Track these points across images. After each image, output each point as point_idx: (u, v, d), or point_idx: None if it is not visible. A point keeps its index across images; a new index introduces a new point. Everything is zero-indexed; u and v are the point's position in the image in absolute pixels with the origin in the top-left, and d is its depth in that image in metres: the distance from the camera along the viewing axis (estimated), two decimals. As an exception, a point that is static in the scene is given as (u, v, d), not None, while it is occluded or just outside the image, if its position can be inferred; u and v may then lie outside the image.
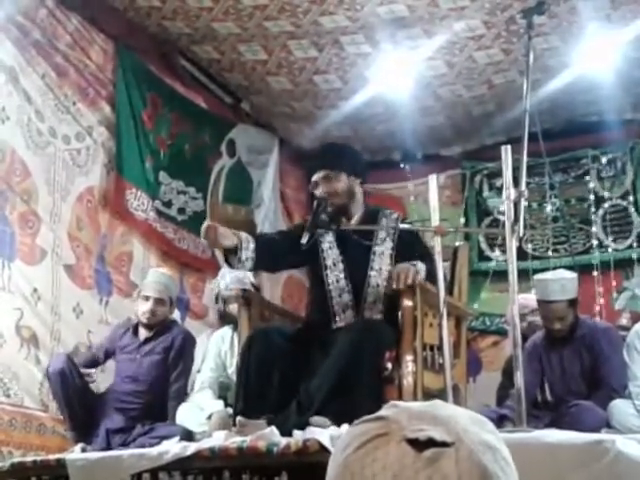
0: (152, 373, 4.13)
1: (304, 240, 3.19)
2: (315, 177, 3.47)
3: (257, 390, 3.17)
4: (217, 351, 4.36)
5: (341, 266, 3.43)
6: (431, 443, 0.78)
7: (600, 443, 2.27)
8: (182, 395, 4.22)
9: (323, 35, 5.39)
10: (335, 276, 3.42)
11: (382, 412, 0.83)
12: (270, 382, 3.17)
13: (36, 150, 4.67)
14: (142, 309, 4.15)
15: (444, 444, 0.78)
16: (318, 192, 3.44)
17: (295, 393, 3.13)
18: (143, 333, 4.20)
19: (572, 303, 4.20)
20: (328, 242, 3.46)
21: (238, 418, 3.04)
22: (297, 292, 6.53)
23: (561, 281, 4.20)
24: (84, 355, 4.43)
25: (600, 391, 4.06)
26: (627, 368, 4.13)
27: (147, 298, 4.15)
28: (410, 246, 3.39)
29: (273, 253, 3.41)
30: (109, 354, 4.27)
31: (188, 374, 4.31)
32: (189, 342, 4.26)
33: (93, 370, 4.18)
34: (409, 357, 3.12)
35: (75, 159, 4.95)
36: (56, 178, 4.79)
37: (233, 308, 4.22)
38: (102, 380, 4.37)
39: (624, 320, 5.67)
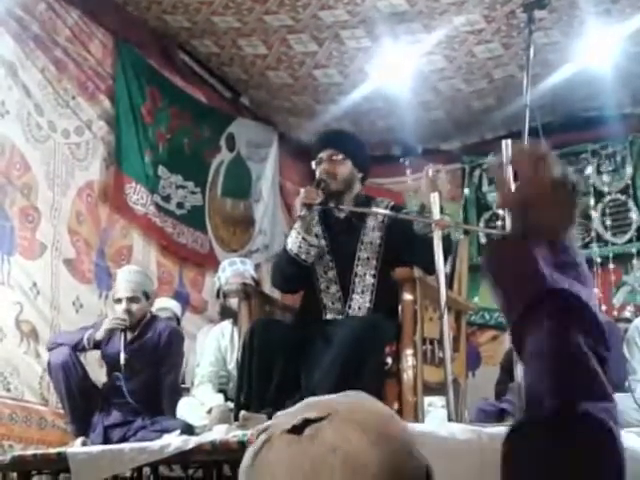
0: (144, 372, 4.09)
1: (302, 212, 3.21)
2: (322, 154, 3.43)
3: (259, 383, 3.17)
4: (217, 345, 4.36)
5: (328, 257, 3.42)
6: (308, 423, 0.82)
7: (600, 437, 2.27)
8: (175, 389, 4.20)
9: (323, 29, 5.38)
10: (323, 268, 3.41)
11: (262, 427, 0.89)
12: (272, 374, 3.17)
13: (36, 144, 4.67)
14: (118, 312, 4.08)
15: (319, 419, 0.82)
16: (319, 170, 3.42)
17: (296, 386, 3.13)
18: (129, 334, 4.13)
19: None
20: (314, 234, 3.44)
21: (242, 412, 3.04)
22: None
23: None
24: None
25: (599, 385, 4.07)
26: (626, 362, 4.15)
27: (120, 300, 4.05)
28: (403, 235, 3.30)
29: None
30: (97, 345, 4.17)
31: (178, 368, 4.28)
32: (175, 336, 4.18)
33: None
34: (409, 351, 3.12)
35: (75, 153, 4.95)
36: (56, 172, 4.79)
37: (233, 302, 4.22)
38: (102, 373, 4.36)
39: (628, 313, 5.68)
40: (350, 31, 5.40)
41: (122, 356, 3.98)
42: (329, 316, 3.38)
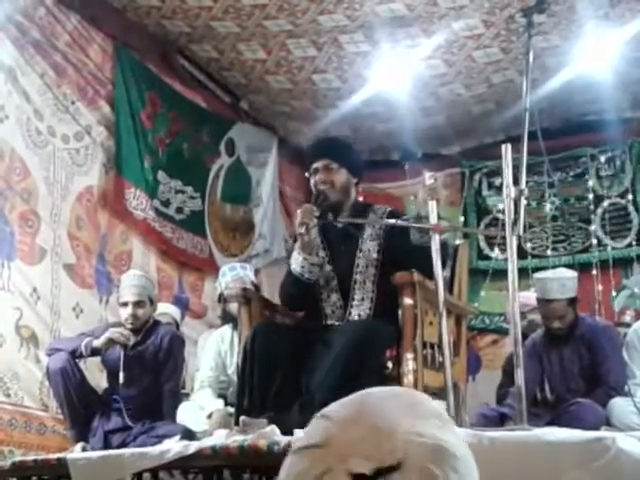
0: (145, 377, 4.09)
1: (301, 230, 3.23)
2: (316, 164, 3.44)
3: (260, 388, 3.17)
4: (217, 350, 4.36)
5: (329, 267, 3.42)
6: (381, 474, 0.72)
7: (600, 441, 2.27)
8: (176, 394, 4.20)
9: (322, 34, 5.39)
10: (324, 278, 3.42)
11: (315, 435, 0.76)
12: (273, 379, 3.16)
13: (35, 149, 4.67)
14: (123, 316, 4.10)
15: (391, 468, 0.72)
16: (314, 180, 3.43)
17: (297, 391, 3.13)
18: (132, 339, 4.13)
19: (572, 302, 4.20)
20: (317, 250, 3.44)
21: (242, 417, 3.03)
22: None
23: (561, 280, 4.20)
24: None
25: (599, 389, 4.07)
26: (626, 366, 4.14)
27: (126, 304, 4.09)
28: (401, 242, 3.31)
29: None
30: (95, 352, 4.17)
31: (179, 373, 4.28)
32: (177, 341, 4.20)
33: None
34: (409, 355, 3.12)
35: (74, 158, 4.95)
36: (55, 177, 4.79)
37: (233, 307, 4.22)
38: (101, 378, 4.36)
39: (628, 317, 5.68)
40: (349, 36, 5.41)
41: (121, 375, 3.98)
42: (330, 322, 3.39)
